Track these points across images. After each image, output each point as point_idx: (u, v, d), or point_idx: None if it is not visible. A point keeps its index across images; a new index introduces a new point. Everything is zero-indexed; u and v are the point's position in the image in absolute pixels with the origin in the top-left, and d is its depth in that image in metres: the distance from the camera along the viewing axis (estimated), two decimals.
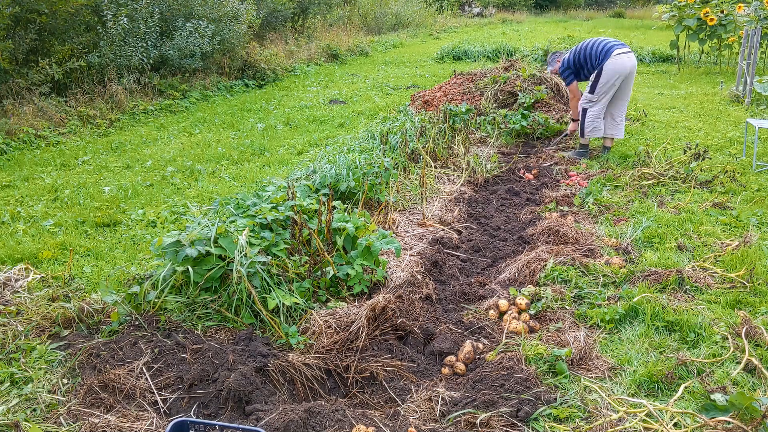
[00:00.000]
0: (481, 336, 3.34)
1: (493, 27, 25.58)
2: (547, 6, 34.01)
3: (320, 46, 16.25)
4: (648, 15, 25.74)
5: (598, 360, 2.99)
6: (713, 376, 2.80)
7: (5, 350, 3.05)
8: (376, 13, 22.44)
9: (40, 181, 6.16)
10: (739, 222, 4.61)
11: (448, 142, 6.74)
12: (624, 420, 2.50)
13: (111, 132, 8.46)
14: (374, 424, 2.59)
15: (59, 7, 8.96)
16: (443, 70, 13.76)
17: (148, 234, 4.77)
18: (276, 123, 8.88)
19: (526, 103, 8.31)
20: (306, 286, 3.48)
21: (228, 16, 11.85)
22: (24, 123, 7.86)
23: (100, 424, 2.55)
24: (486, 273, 4.16)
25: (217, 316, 3.31)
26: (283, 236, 3.70)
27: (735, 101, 9.08)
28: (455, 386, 2.89)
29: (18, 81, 8.59)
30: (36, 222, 5.01)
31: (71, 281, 3.80)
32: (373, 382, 2.93)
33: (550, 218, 4.83)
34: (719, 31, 11.72)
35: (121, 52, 9.82)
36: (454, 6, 30.56)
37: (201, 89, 11.04)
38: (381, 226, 4.61)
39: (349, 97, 10.93)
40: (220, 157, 7.05)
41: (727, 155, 6.38)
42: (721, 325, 3.19)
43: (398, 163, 5.77)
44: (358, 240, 3.80)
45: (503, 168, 6.52)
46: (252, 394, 2.70)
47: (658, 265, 3.95)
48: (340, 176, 4.95)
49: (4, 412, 2.61)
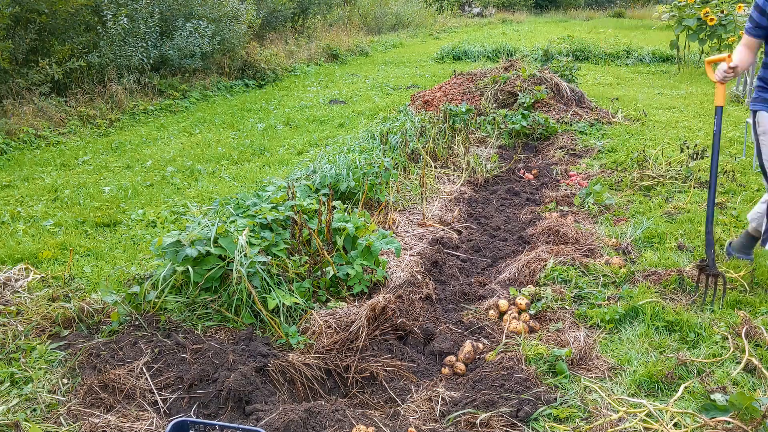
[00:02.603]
0: (481, 336, 3.34)
1: (493, 27, 25.58)
2: (547, 6, 34.00)
3: (320, 46, 16.25)
4: (648, 15, 25.74)
5: (598, 360, 2.99)
6: (713, 376, 2.80)
7: (5, 350, 3.05)
8: (376, 13, 22.44)
9: (40, 181, 6.16)
10: (739, 222, 4.61)
11: (448, 142, 6.74)
12: (624, 420, 2.50)
13: (111, 132, 8.46)
14: (374, 424, 2.59)
15: (59, 7, 8.95)
16: (443, 70, 13.76)
17: (148, 234, 4.77)
18: (276, 123, 8.88)
19: (526, 103, 8.31)
20: (306, 286, 3.48)
21: (228, 16, 11.85)
22: (24, 123, 7.86)
23: (100, 424, 2.55)
24: (486, 273, 4.16)
25: (217, 316, 3.31)
26: (283, 236, 3.70)
27: (735, 101, 9.08)
28: (455, 386, 2.89)
29: (18, 81, 8.59)
30: (36, 222, 5.01)
31: (71, 281, 3.80)
32: (373, 382, 2.93)
33: (550, 218, 4.82)
34: (719, 31, 11.72)
35: (121, 52, 9.82)
36: (454, 6, 30.55)
37: (201, 89, 11.04)
38: (381, 226, 4.61)
39: (349, 97, 10.93)
40: (220, 157, 7.05)
41: (727, 155, 6.38)
42: (721, 325, 3.19)
43: (398, 163, 5.77)
44: (358, 240, 3.80)
45: (503, 168, 6.52)
46: (252, 394, 2.70)
47: (658, 265, 3.95)
48: (340, 176, 4.95)
49: (4, 412, 2.61)
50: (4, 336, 3.15)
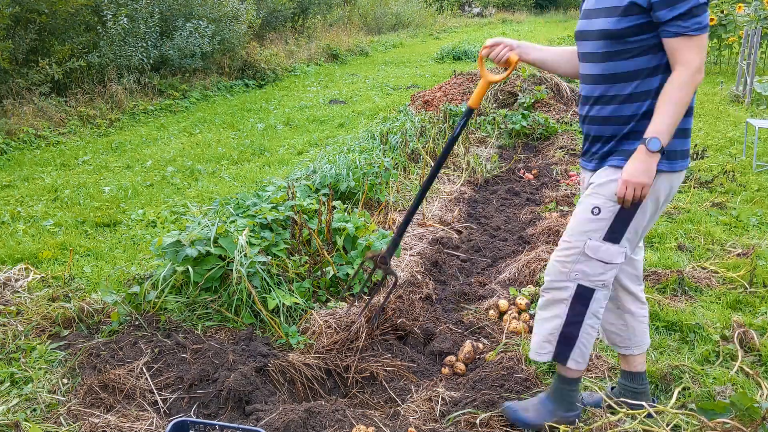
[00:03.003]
0: (481, 336, 3.34)
1: (493, 27, 25.57)
2: (547, 6, 33.98)
3: (320, 46, 16.25)
4: None
5: (598, 360, 2.99)
6: (713, 377, 2.80)
7: (5, 350, 3.05)
8: (376, 13, 22.43)
9: (40, 181, 6.16)
10: (739, 222, 4.61)
11: None
12: (623, 421, 2.50)
13: (111, 132, 8.46)
14: (374, 424, 2.59)
15: (59, 7, 8.95)
16: (443, 70, 13.76)
17: (148, 234, 4.76)
18: (276, 123, 8.87)
19: (526, 103, 8.31)
20: (306, 286, 3.48)
21: (228, 16, 11.85)
22: (24, 123, 7.86)
23: (100, 424, 2.55)
24: (486, 273, 4.16)
25: (217, 316, 3.31)
26: (283, 236, 3.70)
27: (735, 101, 9.08)
28: (455, 386, 2.89)
29: (18, 81, 8.59)
30: (36, 222, 5.01)
31: (71, 281, 3.79)
32: (373, 382, 2.93)
33: (550, 218, 4.82)
34: (719, 31, 11.72)
35: (121, 52, 9.82)
36: (454, 6, 30.54)
37: (201, 89, 11.03)
38: (381, 226, 4.61)
39: (349, 97, 10.93)
40: (220, 157, 7.05)
41: (727, 155, 6.38)
42: (718, 326, 3.19)
43: (398, 163, 5.76)
44: (358, 240, 3.80)
45: (503, 168, 6.52)
46: (252, 394, 2.70)
47: (658, 265, 3.95)
48: (340, 176, 4.95)
49: (4, 412, 2.61)
50: (4, 336, 3.14)
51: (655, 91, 2.15)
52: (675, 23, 2.04)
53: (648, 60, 2.15)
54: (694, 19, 2.03)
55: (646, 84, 2.17)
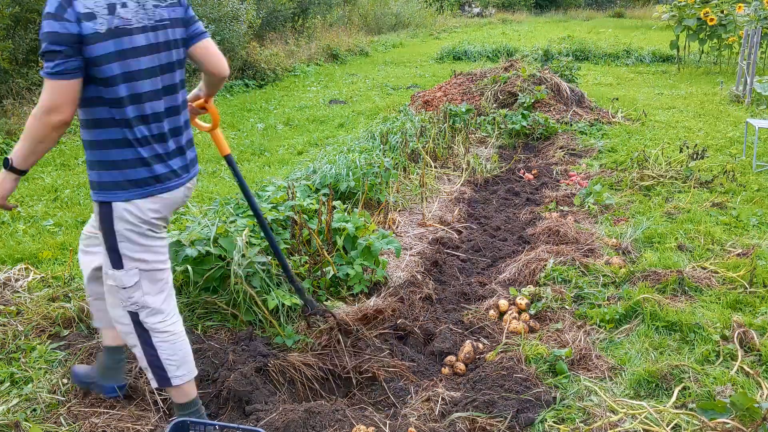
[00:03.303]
0: (481, 336, 3.34)
1: (493, 27, 25.57)
2: (547, 6, 33.97)
3: (320, 46, 16.24)
4: (648, 15, 25.73)
5: (598, 360, 2.99)
6: (713, 377, 2.80)
7: (5, 350, 3.05)
8: (376, 13, 22.43)
9: (40, 181, 6.16)
10: (739, 222, 4.61)
11: (448, 142, 6.74)
12: (623, 421, 2.50)
13: None
14: (374, 424, 2.59)
15: None
16: (443, 70, 13.76)
17: None
18: (276, 123, 8.87)
19: (526, 103, 8.31)
20: (306, 286, 3.48)
21: (228, 16, 11.85)
22: (24, 123, 7.85)
23: (100, 424, 2.55)
24: (486, 273, 4.16)
25: (217, 316, 3.31)
26: (283, 236, 3.70)
27: (735, 101, 9.08)
28: (455, 386, 2.89)
29: (18, 81, 8.58)
30: (36, 222, 5.01)
31: (71, 281, 3.79)
32: (373, 382, 2.93)
33: (550, 218, 4.83)
34: (719, 31, 11.72)
35: None
36: (454, 6, 30.54)
37: None
38: (381, 226, 4.61)
39: (349, 97, 10.93)
40: (220, 157, 7.04)
41: (727, 155, 6.38)
42: (718, 326, 3.19)
43: (398, 163, 5.76)
44: (358, 240, 3.80)
45: (503, 168, 6.52)
46: (252, 394, 2.70)
47: (658, 265, 3.95)
48: (340, 176, 4.95)
49: (4, 412, 2.61)
50: (4, 336, 3.15)
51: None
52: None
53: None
54: (46, 63, 2.08)
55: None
